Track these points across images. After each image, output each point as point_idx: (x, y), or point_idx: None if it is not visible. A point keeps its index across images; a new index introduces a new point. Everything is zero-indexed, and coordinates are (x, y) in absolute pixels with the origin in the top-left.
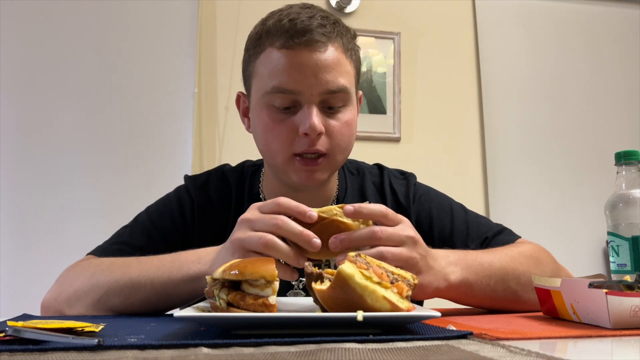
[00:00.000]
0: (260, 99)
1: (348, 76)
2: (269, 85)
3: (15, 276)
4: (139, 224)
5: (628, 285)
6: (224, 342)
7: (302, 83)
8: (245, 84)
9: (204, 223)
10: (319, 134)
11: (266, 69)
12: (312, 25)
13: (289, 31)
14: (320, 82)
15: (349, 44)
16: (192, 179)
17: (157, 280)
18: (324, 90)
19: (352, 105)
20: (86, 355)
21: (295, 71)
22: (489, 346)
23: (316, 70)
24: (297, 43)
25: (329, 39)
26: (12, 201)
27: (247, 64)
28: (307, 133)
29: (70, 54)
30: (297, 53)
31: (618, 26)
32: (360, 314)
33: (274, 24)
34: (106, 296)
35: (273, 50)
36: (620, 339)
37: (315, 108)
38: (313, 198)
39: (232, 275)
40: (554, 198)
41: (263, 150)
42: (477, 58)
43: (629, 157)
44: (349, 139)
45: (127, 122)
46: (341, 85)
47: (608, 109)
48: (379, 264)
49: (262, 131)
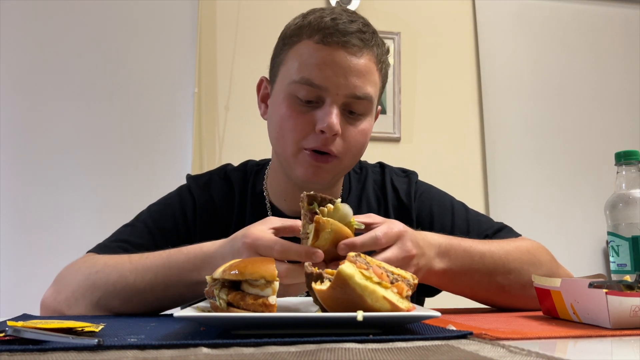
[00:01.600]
0: (285, 87)
1: (375, 86)
2: (298, 75)
3: (15, 276)
4: (140, 223)
5: (628, 285)
6: (223, 342)
7: (331, 80)
8: (271, 71)
9: (205, 223)
10: (334, 134)
11: (298, 59)
12: (353, 29)
13: (330, 28)
14: (349, 84)
15: (381, 57)
16: (195, 178)
17: (158, 287)
18: (350, 94)
19: (371, 116)
20: (86, 355)
21: (327, 68)
22: (489, 346)
23: (347, 72)
24: (335, 41)
25: (366, 45)
26: (12, 201)
27: (279, 51)
28: (323, 130)
29: (71, 54)
30: (332, 51)
31: (618, 26)
32: (360, 314)
33: (315, 19)
34: (105, 298)
35: (310, 43)
36: (620, 339)
37: (337, 109)
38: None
39: (232, 275)
40: (554, 198)
41: (275, 138)
42: (477, 58)
43: (629, 157)
44: (361, 147)
45: (127, 122)
46: (367, 93)
47: (608, 109)
48: (378, 264)
49: (279, 119)
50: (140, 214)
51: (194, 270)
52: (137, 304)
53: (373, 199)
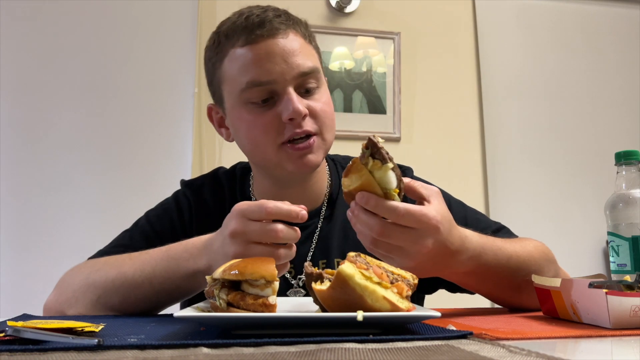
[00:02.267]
0: (236, 100)
1: (314, 57)
2: (243, 82)
3: (15, 276)
4: (138, 228)
5: (628, 285)
6: (224, 342)
7: (274, 71)
8: (214, 95)
9: (201, 225)
10: (303, 116)
11: (235, 69)
12: (268, 17)
13: (247, 27)
14: (292, 66)
15: (305, 31)
16: (188, 183)
17: (156, 280)
18: (298, 74)
19: (325, 85)
20: (86, 355)
21: (265, 61)
22: (489, 346)
23: (284, 56)
24: (259, 35)
25: (288, 26)
26: (12, 201)
27: (212, 74)
28: (292, 118)
29: (71, 54)
30: (261, 44)
31: (618, 26)
32: (360, 314)
33: (229, 27)
34: (104, 296)
35: (236, 50)
36: (620, 339)
37: (294, 92)
38: (303, 194)
39: (232, 275)
40: (554, 198)
41: (250, 150)
42: (477, 58)
43: (629, 157)
44: (332, 117)
45: (127, 122)
46: (312, 66)
47: (608, 109)
48: (378, 264)
49: (245, 129)
50: (138, 220)
51: (190, 259)
52: (135, 300)
53: None
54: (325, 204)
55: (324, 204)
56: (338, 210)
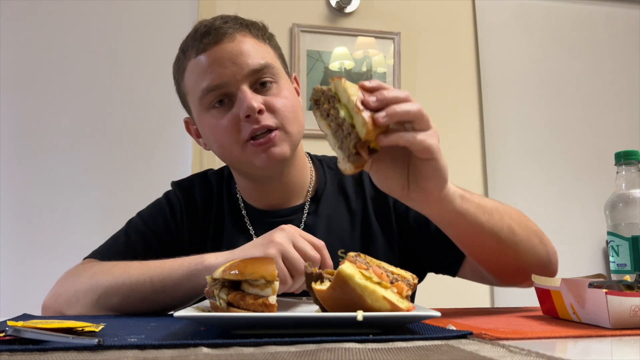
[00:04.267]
0: (199, 108)
1: (268, 55)
2: (199, 90)
3: (15, 276)
4: (132, 227)
5: (628, 285)
6: (224, 342)
7: (224, 74)
8: (186, 109)
9: (191, 223)
10: (259, 111)
11: (192, 79)
12: (215, 24)
13: (197, 38)
14: (241, 66)
15: (258, 32)
16: (178, 183)
17: (156, 278)
18: (248, 72)
19: (284, 80)
20: (86, 355)
21: (215, 66)
22: (488, 346)
23: (232, 58)
24: (207, 43)
25: (235, 30)
26: (12, 201)
27: (179, 89)
28: (248, 115)
29: (70, 54)
30: (210, 51)
31: (618, 26)
32: (360, 313)
33: (184, 42)
34: (105, 296)
35: (191, 61)
36: (620, 339)
37: (248, 90)
38: (285, 190)
39: (232, 275)
40: (553, 198)
41: (221, 153)
42: (477, 58)
43: (628, 157)
44: (293, 109)
45: (127, 122)
46: (263, 63)
47: (608, 109)
48: (378, 264)
49: (211, 134)
50: (131, 220)
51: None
52: (134, 300)
53: (351, 193)
54: (309, 199)
55: (308, 200)
56: (323, 206)
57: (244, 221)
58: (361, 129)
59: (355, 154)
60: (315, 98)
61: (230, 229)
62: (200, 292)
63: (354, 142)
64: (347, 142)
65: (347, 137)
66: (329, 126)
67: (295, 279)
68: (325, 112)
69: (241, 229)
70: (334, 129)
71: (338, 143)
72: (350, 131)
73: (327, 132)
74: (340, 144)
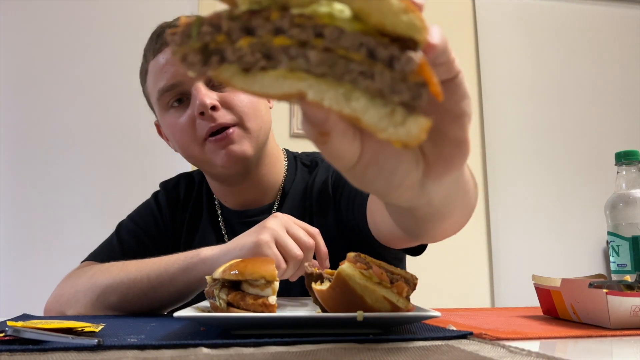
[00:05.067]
0: (159, 110)
1: None
2: (157, 91)
3: (15, 276)
4: (124, 229)
5: (628, 285)
6: (223, 342)
7: (178, 73)
8: (153, 111)
9: (176, 220)
10: (213, 107)
11: (152, 81)
12: (170, 25)
13: (152, 40)
14: None
15: None
16: (165, 182)
17: (153, 273)
18: None
19: None
20: (86, 355)
21: (170, 65)
22: (489, 346)
23: None
24: (162, 43)
25: None
26: (12, 201)
27: (144, 93)
28: (201, 112)
29: (71, 53)
30: (165, 51)
31: (618, 26)
32: (360, 314)
33: (145, 46)
34: (104, 295)
35: (150, 63)
36: (621, 339)
37: (203, 86)
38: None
39: (232, 275)
40: (554, 198)
41: (182, 153)
42: (477, 58)
43: (629, 157)
44: (251, 105)
45: (127, 122)
46: None
47: (608, 109)
48: (379, 263)
49: (172, 134)
50: (121, 222)
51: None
52: (133, 297)
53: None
54: (279, 198)
55: (277, 199)
56: (286, 204)
57: (218, 220)
58: (414, 30)
59: (410, 99)
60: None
61: (206, 227)
62: (196, 285)
63: (408, 64)
64: (382, 76)
65: (371, 67)
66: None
67: (289, 264)
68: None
69: (215, 228)
70: (321, 64)
71: (341, 92)
72: (377, 46)
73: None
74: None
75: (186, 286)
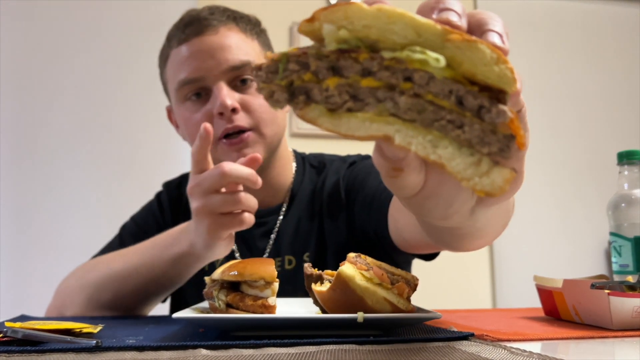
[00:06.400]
0: (176, 99)
1: (253, 52)
2: (176, 81)
3: (15, 277)
4: (126, 230)
5: (630, 286)
6: (223, 344)
7: (201, 68)
8: (167, 97)
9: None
10: (233, 109)
11: (172, 69)
12: (201, 15)
13: (180, 27)
14: (220, 61)
15: (247, 26)
16: (168, 182)
17: (143, 268)
18: (226, 69)
19: None
20: (84, 356)
21: (193, 59)
22: (490, 347)
23: (212, 52)
24: (189, 33)
25: (220, 22)
26: (12, 201)
27: (162, 76)
28: (221, 112)
29: (70, 54)
30: (191, 43)
31: (619, 26)
32: (361, 315)
33: (170, 30)
34: (97, 293)
35: (173, 50)
36: (623, 340)
37: (225, 86)
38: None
39: (232, 276)
40: (556, 198)
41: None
42: None
43: (631, 157)
44: (270, 110)
45: (127, 122)
46: (243, 60)
47: (610, 109)
48: (379, 264)
49: (185, 127)
50: (124, 224)
51: (173, 244)
52: (126, 293)
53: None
54: (288, 199)
55: (286, 201)
56: (295, 206)
57: None
58: (505, 81)
59: (497, 151)
60: (287, 78)
61: None
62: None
63: (499, 117)
64: (472, 126)
65: (460, 116)
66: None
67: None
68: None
69: None
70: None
71: (428, 139)
72: (465, 94)
73: (380, 130)
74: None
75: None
